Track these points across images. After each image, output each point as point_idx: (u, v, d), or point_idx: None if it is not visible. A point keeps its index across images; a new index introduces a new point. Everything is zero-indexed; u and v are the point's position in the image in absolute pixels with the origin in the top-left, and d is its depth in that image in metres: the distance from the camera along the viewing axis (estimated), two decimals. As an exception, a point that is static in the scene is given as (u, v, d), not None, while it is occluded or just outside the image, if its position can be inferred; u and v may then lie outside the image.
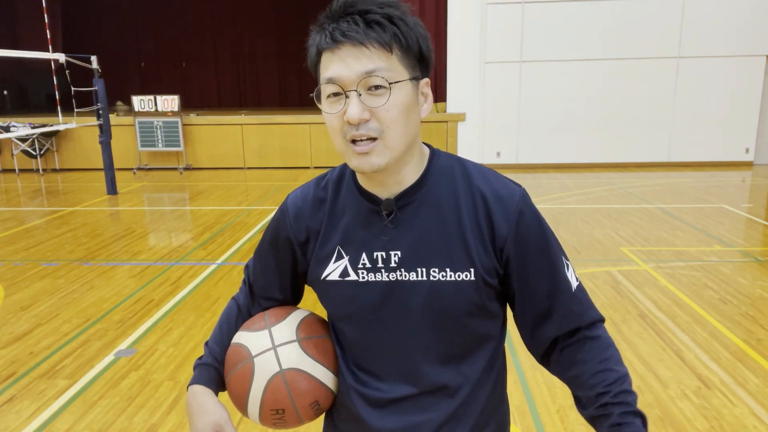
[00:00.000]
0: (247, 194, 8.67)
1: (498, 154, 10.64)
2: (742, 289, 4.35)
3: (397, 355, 1.05)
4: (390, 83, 0.91)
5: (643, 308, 4.01)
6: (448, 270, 0.99)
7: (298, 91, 16.43)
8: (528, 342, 1.10)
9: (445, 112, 10.75)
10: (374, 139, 0.93)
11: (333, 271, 1.05)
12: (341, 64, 0.92)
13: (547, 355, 1.09)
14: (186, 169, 11.03)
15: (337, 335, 1.12)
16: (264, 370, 1.07)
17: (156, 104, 10.72)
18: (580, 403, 1.04)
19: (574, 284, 1.05)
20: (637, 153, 10.49)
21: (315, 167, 10.93)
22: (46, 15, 8.65)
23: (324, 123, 0.99)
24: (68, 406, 2.95)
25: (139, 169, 11.08)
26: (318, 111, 1.01)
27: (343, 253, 1.04)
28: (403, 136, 0.95)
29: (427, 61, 0.98)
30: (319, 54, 0.96)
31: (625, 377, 1.01)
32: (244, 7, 15.90)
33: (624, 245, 5.51)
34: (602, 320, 1.07)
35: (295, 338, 1.09)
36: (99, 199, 8.43)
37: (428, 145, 1.08)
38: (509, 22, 10.12)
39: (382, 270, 1.02)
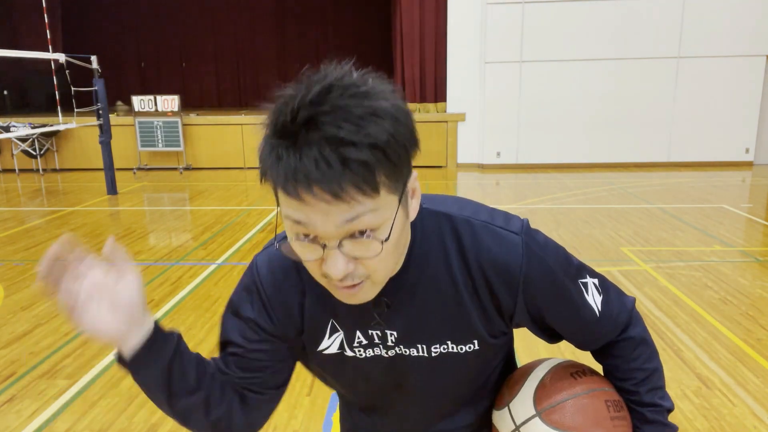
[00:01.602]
0: (247, 194, 8.67)
1: (498, 154, 10.64)
2: (742, 289, 4.35)
3: (402, 415, 1.04)
4: (382, 241, 0.72)
5: (643, 308, 4.01)
6: (449, 343, 0.92)
7: (298, 91, 16.40)
8: None
9: (445, 112, 10.75)
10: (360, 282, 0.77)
11: (329, 346, 0.94)
12: (313, 213, 0.69)
13: None
14: (186, 169, 11.03)
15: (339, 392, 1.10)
16: (500, 420, 1.00)
17: (156, 104, 10.72)
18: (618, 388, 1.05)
19: (598, 306, 0.96)
20: (637, 153, 10.49)
21: (315, 167, 10.92)
22: (46, 15, 8.65)
23: None
24: (68, 406, 2.95)
25: (139, 169, 11.08)
26: None
27: (338, 326, 0.93)
28: (393, 267, 0.82)
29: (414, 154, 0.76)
30: (274, 185, 0.72)
31: (652, 374, 1.01)
32: (244, 7, 15.90)
33: (624, 245, 5.51)
34: (629, 321, 1.01)
35: (534, 412, 0.95)
36: (99, 199, 8.43)
37: None
38: (509, 22, 10.12)
39: (380, 346, 0.93)
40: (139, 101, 10.75)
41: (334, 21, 15.52)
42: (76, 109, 8.28)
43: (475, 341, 0.93)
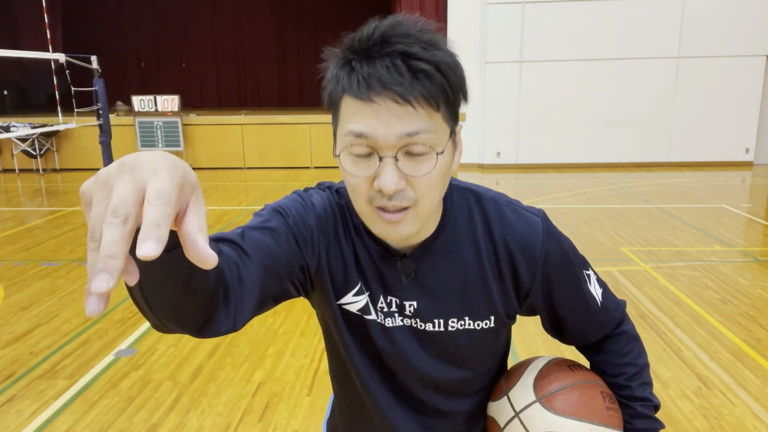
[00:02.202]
0: (247, 194, 8.67)
1: (498, 154, 10.64)
2: (742, 289, 4.35)
3: (402, 389, 1.02)
4: (437, 153, 0.77)
5: (643, 308, 4.02)
6: (467, 319, 0.94)
7: (298, 91, 16.43)
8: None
9: (445, 112, 10.75)
10: (406, 208, 0.79)
11: (352, 303, 0.94)
12: (377, 121, 0.74)
13: None
14: (186, 169, 11.03)
15: (338, 357, 1.04)
16: (497, 409, 1.01)
17: (156, 104, 10.72)
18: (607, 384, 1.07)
19: (599, 297, 1.02)
20: (637, 153, 10.49)
21: (315, 167, 10.93)
22: (46, 15, 8.66)
23: (324, 123, 0.90)
24: (68, 406, 2.95)
25: (139, 169, 11.08)
26: (318, 110, 0.90)
27: (364, 288, 0.94)
28: (438, 201, 0.84)
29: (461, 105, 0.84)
30: (342, 96, 0.78)
31: (643, 369, 1.04)
32: (244, 7, 15.90)
33: (624, 245, 5.51)
34: (623, 318, 1.06)
35: (534, 398, 0.97)
36: (99, 199, 8.43)
37: None
38: (509, 22, 10.12)
39: (396, 315, 0.94)
40: (139, 101, 10.76)
41: (334, 21, 15.52)
42: (76, 109, 8.28)
43: (492, 318, 0.94)
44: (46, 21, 8.67)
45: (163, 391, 3.07)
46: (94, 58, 8.34)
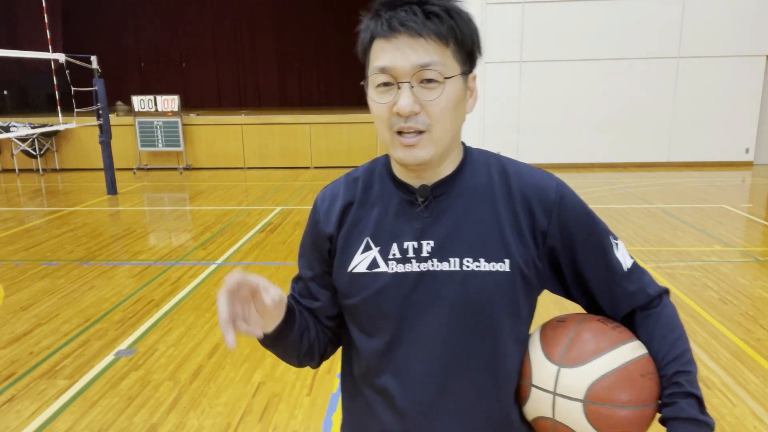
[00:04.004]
0: (247, 194, 8.67)
1: (498, 153, 10.63)
2: (742, 289, 4.35)
3: (421, 359, 1.00)
4: (444, 78, 0.91)
5: (643, 308, 4.01)
6: (482, 260, 0.97)
7: (298, 91, 16.43)
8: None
9: (445, 112, 10.75)
10: (421, 132, 0.92)
11: (360, 262, 1.02)
12: (397, 53, 0.91)
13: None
14: (186, 169, 11.03)
15: (357, 345, 1.07)
16: (536, 404, 0.97)
17: (156, 104, 10.72)
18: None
19: (627, 263, 1.05)
20: (637, 153, 10.49)
21: (315, 167, 10.93)
22: (46, 15, 8.65)
23: (324, 123, 0.97)
24: (68, 406, 2.95)
25: (139, 169, 11.08)
26: (317, 111, 0.98)
27: (372, 244, 1.01)
28: (450, 130, 0.95)
29: (476, 57, 0.99)
30: (371, 41, 0.95)
31: (684, 353, 0.99)
32: (244, 7, 15.90)
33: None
34: (661, 294, 1.07)
35: (582, 397, 0.92)
36: (99, 199, 8.43)
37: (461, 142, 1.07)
38: (509, 22, 10.12)
39: (413, 260, 0.99)
40: (139, 101, 10.76)
41: (334, 21, 15.52)
42: (76, 109, 8.27)
43: (507, 261, 0.98)
44: (46, 21, 8.67)
45: (163, 391, 3.07)
46: (94, 58, 8.34)
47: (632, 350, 0.96)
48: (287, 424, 2.76)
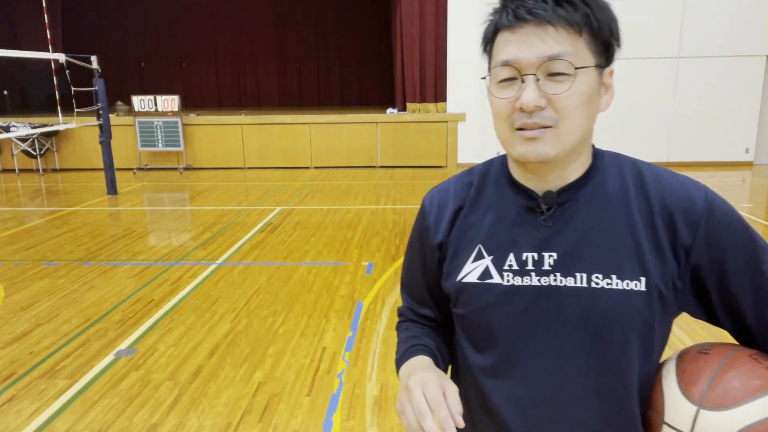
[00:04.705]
0: (247, 194, 8.67)
1: (498, 154, 10.61)
2: (742, 289, 4.35)
3: (539, 383, 0.90)
4: (576, 68, 0.81)
5: (643, 308, 4.01)
6: (614, 277, 0.85)
7: (298, 91, 16.42)
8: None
9: (445, 112, 10.75)
10: (546, 127, 0.83)
11: (471, 272, 0.92)
12: (522, 44, 0.82)
13: None
14: (186, 169, 11.03)
15: (466, 359, 0.98)
16: None
17: (156, 104, 10.72)
18: None
19: None
20: (637, 153, 10.25)
21: (315, 167, 10.93)
22: (46, 15, 8.65)
23: (324, 123, 0.92)
24: (68, 406, 2.95)
25: (139, 169, 11.08)
26: (317, 111, 0.94)
27: (485, 253, 0.92)
28: (579, 128, 0.86)
29: (614, 49, 0.87)
30: (495, 33, 0.87)
31: None
32: (244, 7, 15.90)
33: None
34: None
35: (694, 407, 0.82)
36: (99, 199, 8.43)
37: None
38: (509, 22, 10.11)
39: (532, 273, 0.88)
40: (139, 101, 10.76)
41: (334, 21, 15.52)
42: (76, 109, 8.27)
43: (643, 279, 0.85)
44: (46, 21, 8.67)
45: (163, 391, 3.07)
46: (94, 58, 8.34)
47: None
48: (287, 424, 2.76)
